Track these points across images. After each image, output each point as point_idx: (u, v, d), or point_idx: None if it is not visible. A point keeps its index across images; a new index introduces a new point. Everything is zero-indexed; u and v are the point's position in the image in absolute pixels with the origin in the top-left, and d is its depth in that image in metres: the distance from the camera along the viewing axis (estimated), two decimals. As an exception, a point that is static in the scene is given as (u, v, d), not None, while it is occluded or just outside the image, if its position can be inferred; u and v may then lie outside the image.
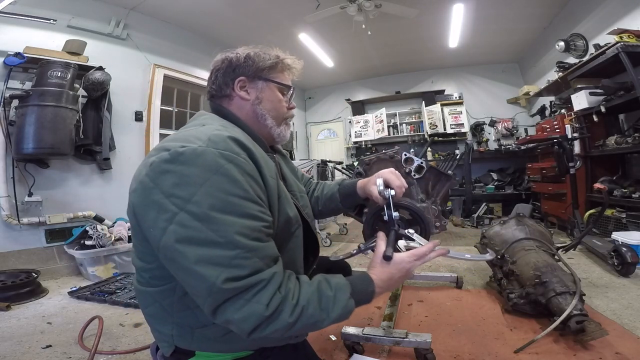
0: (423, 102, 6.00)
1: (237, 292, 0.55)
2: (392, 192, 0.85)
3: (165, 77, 3.85)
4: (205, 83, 0.91)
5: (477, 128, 5.73)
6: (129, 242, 2.78)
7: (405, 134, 6.22)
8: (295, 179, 0.92)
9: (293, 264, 0.73)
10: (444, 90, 5.98)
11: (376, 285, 0.69)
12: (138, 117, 3.54)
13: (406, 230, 0.81)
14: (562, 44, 3.70)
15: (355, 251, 0.86)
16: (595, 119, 2.96)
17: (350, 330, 1.36)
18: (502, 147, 5.24)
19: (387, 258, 0.71)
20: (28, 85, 2.62)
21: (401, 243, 0.77)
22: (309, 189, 1.10)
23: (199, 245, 0.54)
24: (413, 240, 0.79)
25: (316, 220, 2.35)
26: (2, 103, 2.50)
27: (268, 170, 0.67)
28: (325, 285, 0.65)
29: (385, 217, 0.84)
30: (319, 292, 0.63)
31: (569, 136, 3.01)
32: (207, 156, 0.58)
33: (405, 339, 1.28)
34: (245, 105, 0.80)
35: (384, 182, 0.87)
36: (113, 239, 2.68)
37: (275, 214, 0.67)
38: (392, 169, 0.93)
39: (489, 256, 0.83)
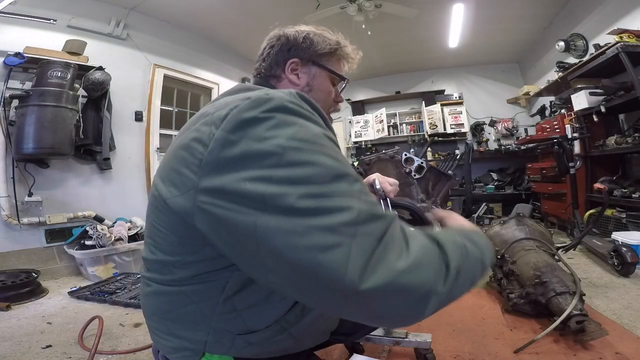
0: (423, 102, 6.00)
1: (386, 224, 0.42)
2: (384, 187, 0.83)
3: (165, 77, 3.85)
4: (205, 83, 0.88)
5: (477, 128, 5.73)
6: (129, 242, 2.78)
7: (405, 134, 6.21)
8: None
9: None
10: (444, 90, 5.97)
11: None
12: (138, 117, 3.54)
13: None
14: (562, 44, 3.70)
15: None
16: (595, 119, 2.96)
17: (350, 330, 1.36)
18: (502, 147, 5.24)
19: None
20: (28, 85, 2.62)
21: None
22: None
23: (324, 183, 0.42)
24: None
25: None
26: (2, 103, 2.50)
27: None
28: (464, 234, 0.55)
29: None
30: (465, 237, 0.52)
31: (569, 136, 3.01)
32: (298, 108, 0.49)
33: (405, 339, 1.28)
34: (293, 89, 0.70)
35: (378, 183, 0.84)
36: (113, 239, 2.68)
37: None
38: (378, 174, 0.87)
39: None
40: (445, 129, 5.72)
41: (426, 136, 5.88)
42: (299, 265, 0.39)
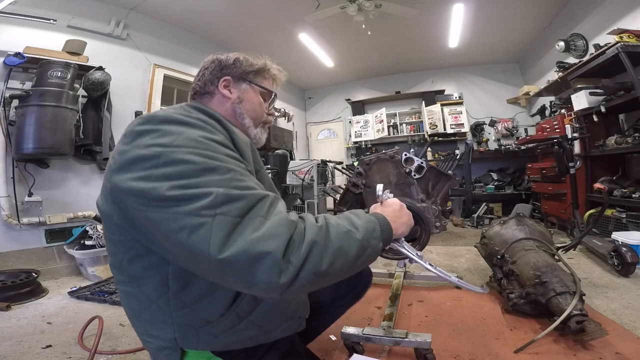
0: (423, 102, 6.00)
1: (247, 204, 0.49)
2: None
3: (165, 77, 3.85)
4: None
5: (477, 128, 5.73)
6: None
7: (405, 134, 6.21)
8: None
9: None
10: (444, 90, 5.98)
11: (384, 215, 0.67)
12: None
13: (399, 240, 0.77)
14: (562, 44, 3.70)
15: None
16: (595, 119, 2.96)
17: (350, 330, 1.36)
18: (502, 147, 5.24)
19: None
20: (28, 85, 2.62)
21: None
22: None
23: (192, 177, 0.51)
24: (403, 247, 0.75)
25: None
26: (2, 103, 2.50)
27: (243, 143, 0.67)
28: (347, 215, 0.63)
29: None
30: (343, 218, 0.60)
31: (569, 136, 3.00)
32: (182, 117, 0.60)
33: (405, 339, 1.28)
34: (225, 102, 0.82)
35: None
36: (113, 239, 2.68)
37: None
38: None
39: (480, 289, 0.75)
40: (445, 129, 5.72)
41: (426, 136, 5.88)
42: (179, 245, 0.48)
